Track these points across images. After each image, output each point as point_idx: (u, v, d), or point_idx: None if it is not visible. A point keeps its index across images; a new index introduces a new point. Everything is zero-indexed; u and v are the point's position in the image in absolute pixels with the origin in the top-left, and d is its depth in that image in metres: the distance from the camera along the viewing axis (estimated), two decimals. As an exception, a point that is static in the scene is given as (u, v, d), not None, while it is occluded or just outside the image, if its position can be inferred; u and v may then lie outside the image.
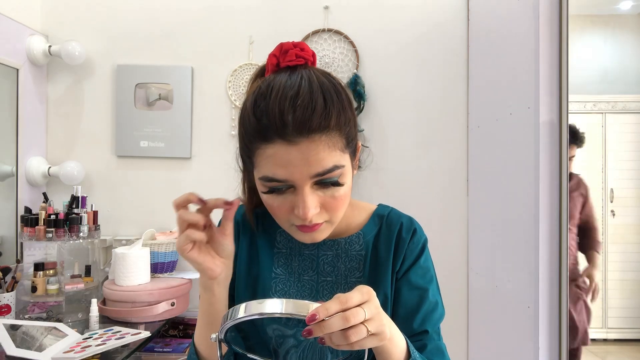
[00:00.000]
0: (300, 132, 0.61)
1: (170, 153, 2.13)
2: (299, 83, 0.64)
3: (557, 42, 1.52)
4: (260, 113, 0.63)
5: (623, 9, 3.88)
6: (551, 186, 1.53)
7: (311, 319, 0.52)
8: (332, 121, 0.63)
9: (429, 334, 0.74)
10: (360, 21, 2.12)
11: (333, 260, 0.78)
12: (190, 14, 2.15)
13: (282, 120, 0.61)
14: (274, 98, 0.63)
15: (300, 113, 0.61)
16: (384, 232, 0.78)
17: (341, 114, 0.65)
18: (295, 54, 0.68)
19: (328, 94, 0.64)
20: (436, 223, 2.11)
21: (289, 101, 0.62)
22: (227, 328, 0.57)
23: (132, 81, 2.13)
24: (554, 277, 1.52)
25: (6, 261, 1.81)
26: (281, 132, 0.61)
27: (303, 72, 0.66)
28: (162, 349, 1.74)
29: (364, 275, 0.76)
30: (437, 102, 2.12)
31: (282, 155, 0.62)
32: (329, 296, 0.75)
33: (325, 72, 0.69)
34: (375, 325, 0.54)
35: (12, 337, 1.36)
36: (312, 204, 0.65)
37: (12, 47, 1.94)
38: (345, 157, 0.66)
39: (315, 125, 0.62)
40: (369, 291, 0.56)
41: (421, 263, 0.77)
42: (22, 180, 1.98)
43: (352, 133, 0.67)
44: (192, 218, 0.65)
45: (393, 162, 2.13)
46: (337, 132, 0.64)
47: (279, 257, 0.80)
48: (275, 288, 0.78)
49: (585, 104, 3.70)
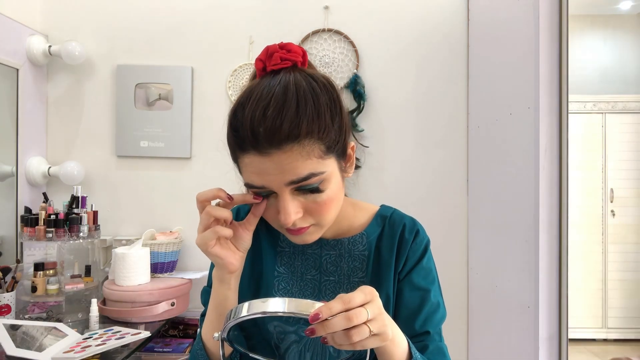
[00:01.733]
0: (271, 143, 0.61)
1: (170, 153, 2.14)
2: (274, 91, 0.63)
3: (557, 42, 1.52)
4: (236, 124, 0.64)
5: (623, 9, 3.88)
6: (551, 186, 1.53)
7: (314, 318, 0.52)
8: (303, 129, 0.61)
9: (431, 334, 0.75)
10: (360, 21, 2.13)
11: (336, 260, 0.78)
12: (190, 14, 2.15)
13: (253, 132, 0.61)
14: (249, 109, 0.62)
15: (270, 123, 0.60)
16: (387, 233, 0.78)
17: (315, 120, 0.62)
18: (280, 57, 0.67)
19: (302, 101, 0.62)
20: (436, 223, 2.11)
21: (260, 111, 0.61)
22: (230, 327, 0.57)
23: (132, 81, 2.13)
24: (554, 277, 1.52)
25: (6, 261, 1.81)
26: (254, 143, 0.61)
27: (284, 77, 0.65)
28: (162, 349, 1.74)
29: (366, 275, 0.77)
30: (437, 102, 2.12)
31: (257, 164, 0.63)
32: (331, 295, 0.76)
33: (309, 75, 0.67)
34: (378, 325, 0.55)
35: (12, 337, 1.35)
36: (292, 210, 0.65)
37: (12, 47, 1.94)
38: (325, 162, 0.64)
39: (284, 135, 0.60)
40: (372, 292, 0.56)
41: (424, 264, 0.77)
42: (22, 180, 1.98)
43: (334, 137, 0.65)
44: (221, 214, 0.67)
45: (393, 162, 2.13)
46: (310, 139, 0.62)
47: (282, 256, 0.80)
48: (278, 286, 0.78)
49: (585, 104, 3.70)
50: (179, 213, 2.14)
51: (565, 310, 1.50)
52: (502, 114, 1.79)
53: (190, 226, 2.13)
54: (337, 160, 0.68)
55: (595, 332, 3.67)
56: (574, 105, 3.63)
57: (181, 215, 2.14)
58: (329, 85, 0.67)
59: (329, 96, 0.66)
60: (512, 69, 1.71)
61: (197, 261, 2.13)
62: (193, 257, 2.13)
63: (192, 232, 2.13)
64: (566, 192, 1.51)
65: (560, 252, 1.52)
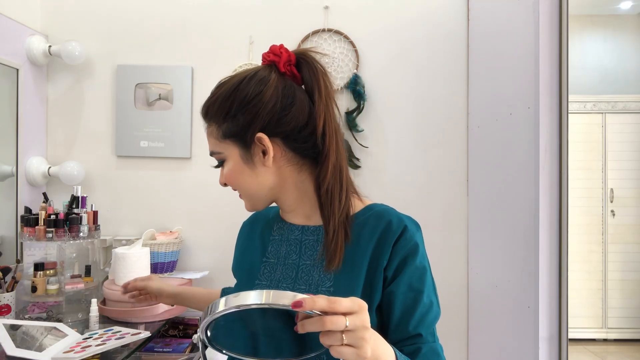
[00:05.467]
0: (203, 119, 0.84)
1: (170, 153, 2.14)
2: (222, 82, 0.84)
3: (557, 42, 1.52)
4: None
5: (623, 9, 3.88)
6: (551, 186, 1.53)
7: (297, 304, 0.53)
8: (209, 115, 0.82)
9: (423, 336, 0.74)
10: (360, 21, 2.13)
11: (314, 244, 0.81)
12: (190, 14, 2.15)
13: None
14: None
15: (204, 103, 0.84)
16: (371, 223, 0.78)
17: (219, 111, 0.81)
18: (264, 56, 0.84)
19: (223, 94, 0.81)
20: (436, 223, 2.11)
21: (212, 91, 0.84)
22: (207, 323, 0.57)
23: (132, 81, 2.13)
24: (554, 277, 1.52)
25: (6, 261, 1.81)
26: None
27: (244, 72, 0.83)
28: (162, 349, 1.74)
29: (340, 260, 0.77)
30: (437, 102, 2.12)
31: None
32: (305, 278, 0.79)
33: (249, 77, 0.81)
34: (354, 338, 0.54)
35: (12, 337, 1.35)
36: (220, 175, 0.85)
37: (12, 47, 1.94)
38: (223, 145, 0.81)
39: (204, 116, 0.84)
40: (361, 305, 0.56)
41: (417, 264, 0.76)
42: (22, 180, 1.98)
43: (235, 129, 0.79)
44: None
45: (393, 162, 2.13)
46: (215, 124, 0.82)
47: (272, 244, 0.87)
48: (262, 271, 0.84)
49: (585, 104, 3.70)
50: (179, 213, 2.14)
51: (565, 310, 1.50)
52: (502, 114, 1.79)
53: (190, 226, 2.13)
54: (239, 148, 0.80)
55: (595, 332, 3.67)
56: (574, 105, 3.63)
57: (181, 215, 2.14)
58: (262, 87, 0.79)
59: (247, 94, 0.79)
60: (512, 69, 1.71)
61: (197, 261, 2.13)
62: (193, 257, 2.14)
63: (192, 232, 2.13)
64: (566, 192, 1.51)
65: (560, 252, 1.52)
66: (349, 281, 0.76)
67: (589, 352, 3.53)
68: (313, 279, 0.78)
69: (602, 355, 3.47)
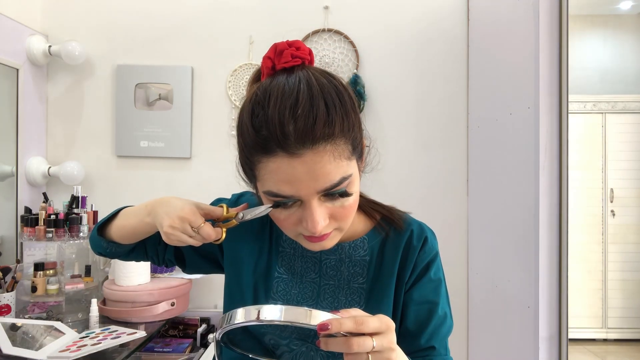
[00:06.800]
0: (303, 143, 0.57)
1: (170, 153, 2.13)
2: (298, 88, 0.59)
3: (557, 42, 1.52)
4: (259, 124, 0.59)
5: (623, 9, 3.88)
6: (551, 186, 1.53)
7: (322, 328, 0.50)
8: (337, 128, 0.59)
9: (436, 349, 0.73)
10: (360, 21, 2.12)
11: (336, 264, 0.76)
12: (190, 14, 2.14)
13: (283, 131, 0.57)
14: (273, 107, 0.58)
15: (302, 123, 0.57)
16: (392, 238, 0.76)
17: (345, 119, 0.60)
18: (290, 55, 0.63)
19: (330, 98, 0.59)
20: (436, 223, 2.09)
21: (288, 110, 0.57)
22: (225, 331, 0.56)
23: (132, 81, 2.13)
24: (554, 277, 1.52)
25: (6, 261, 1.81)
26: (283, 143, 0.57)
27: (301, 74, 0.62)
28: (162, 349, 1.74)
29: (367, 281, 0.75)
30: (437, 102, 2.12)
31: (285, 169, 0.58)
32: (329, 300, 0.74)
33: (324, 72, 0.64)
34: (380, 359, 0.53)
35: (12, 337, 1.36)
36: (321, 218, 0.62)
37: (12, 47, 1.94)
38: (352, 164, 0.62)
39: (318, 134, 0.57)
40: (389, 325, 0.54)
41: (431, 276, 0.75)
42: (22, 180, 1.98)
43: (358, 137, 0.63)
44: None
45: (393, 162, 2.13)
46: (343, 139, 0.60)
47: (282, 257, 0.78)
48: (277, 288, 0.76)
49: (585, 104, 3.70)
50: (179, 213, 2.13)
51: (565, 310, 1.50)
52: (502, 114, 1.79)
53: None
54: (358, 161, 0.65)
55: (595, 332, 3.67)
56: (574, 105, 3.63)
57: (181, 215, 2.13)
58: (345, 84, 0.65)
59: (348, 94, 0.63)
60: (512, 69, 1.71)
61: (197, 261, 2.13)
62: (193, 257, 2.13)
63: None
64: (566, 192, 1.51)
65: (560, 252, 1.52)
66: (378, 301, 0.73)
67: (589, 352, 3.53)
68: (340, 302, 0.74)
69: (602, 355, 3.47)
